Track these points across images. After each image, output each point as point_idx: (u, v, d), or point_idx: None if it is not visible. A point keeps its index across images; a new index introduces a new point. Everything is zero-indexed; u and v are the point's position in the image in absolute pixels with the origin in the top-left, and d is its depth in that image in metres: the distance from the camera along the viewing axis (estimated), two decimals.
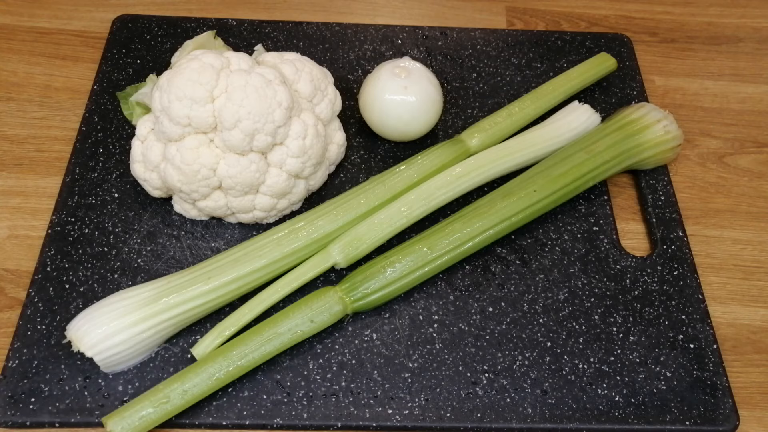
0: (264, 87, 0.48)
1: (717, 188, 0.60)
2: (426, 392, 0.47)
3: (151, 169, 0.51)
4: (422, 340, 0.49)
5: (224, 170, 0.49)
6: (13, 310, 0.50)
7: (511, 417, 0.46)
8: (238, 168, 0.48)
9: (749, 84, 0.67)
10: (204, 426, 0.46)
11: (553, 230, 0.55)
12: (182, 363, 0.47)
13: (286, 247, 0.50)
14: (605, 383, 0.48)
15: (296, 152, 0.50)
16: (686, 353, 0.49)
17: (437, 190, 0.53)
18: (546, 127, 0.58)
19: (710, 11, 0.73)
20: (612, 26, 0.71)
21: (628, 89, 0.64)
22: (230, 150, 0.48)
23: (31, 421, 0.45)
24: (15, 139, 0.59)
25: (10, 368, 0.47)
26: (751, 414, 0.49)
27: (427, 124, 0.57)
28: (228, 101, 0.47)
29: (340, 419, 0.46)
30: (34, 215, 0.55)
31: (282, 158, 0.50)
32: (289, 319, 0.47)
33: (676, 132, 0.57)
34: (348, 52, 0.65)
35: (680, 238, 0.55)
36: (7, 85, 0.63)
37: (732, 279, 0.55)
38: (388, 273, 0.49)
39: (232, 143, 0.48)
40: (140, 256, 0.52)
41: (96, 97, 0.60)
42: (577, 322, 0.50)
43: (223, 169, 0.49)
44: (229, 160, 0.48)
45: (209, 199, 0.51)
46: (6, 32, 0.67)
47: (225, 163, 0.49)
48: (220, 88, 0.48)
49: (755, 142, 0.63)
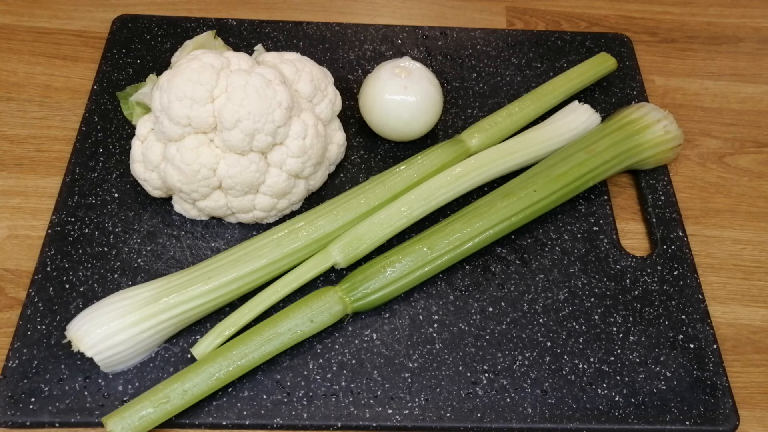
0: (264, 87, 0.48)
1: (717, 188, 0.60)
2: (426, 392, 0.47)
3: (151, 169, 0.51)
4: (422, 340, 0.49)
5: (224, 170, 0.49)
6: (13, 310, 0.50)
7: (511, 417, 0.46)
8: (238, 168, 0.48)
9: (749, 84, 0.67)
10: (204, 426, 0.46)
11: (553, 230, 0.55)
12: (182, 363, 0.47)
13: (286, 247, 0.50)
14: (605, 383, 0.48)
15: (296, 152, 0.50)
16: (686, 353, 0.49)
17: (437, 190, 0.53)
18: (546, 127, 0.58)
19: (710, 11, 0.73)
20: (612, 26, 0.71)
21: (628, 89, 0.64)
22: (230, 150, 0.48)
23: (31, 421, 0.45)
24: (15, 139, 0.59)
25: (10, 368, 0.47)
26: (751, 414, 0.49)
27: (427, 124, 0.57)
28: (228, 101, 0.47)
29: (340, 419, 0.46)
30: (34, 215, 0.55)
31: (282, 158, 0.50)
32: (289, 319, 0.47)
33: (676, 132, 0.57)
34: (348, 52, 0.65)
35: (680, 238, 0.55)
36: (7, 85, 0.63)
37: (732, 279, 0.55)
38: (388, 273, 0.49)
39: (232, 143, 0.48)
40: (140, 256, 0.52)
41: (96, 97, 0.60)
42: (577, 322, 0.50)
43: (223, 169, 0.49)
44: (229, 160, 0.48)
45: (209, 199, 0.51)
46: (6, 32, 0.67)
47: (225, 163, 0.49)
48: (220, 88, 0.48)
49: (755, 142, 0.63)
